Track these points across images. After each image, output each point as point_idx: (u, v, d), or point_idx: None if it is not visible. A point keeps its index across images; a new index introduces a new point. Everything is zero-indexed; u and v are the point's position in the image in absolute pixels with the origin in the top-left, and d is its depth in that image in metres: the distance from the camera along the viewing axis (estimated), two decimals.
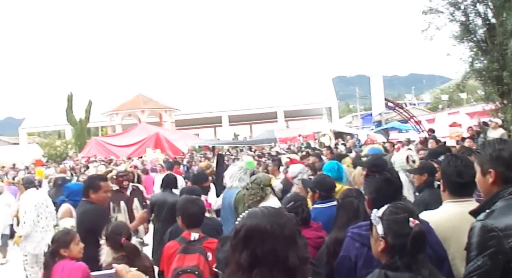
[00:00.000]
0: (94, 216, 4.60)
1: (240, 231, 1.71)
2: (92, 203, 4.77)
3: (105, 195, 4.88)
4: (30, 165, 27.66)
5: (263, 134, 30.87)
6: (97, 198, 4.79)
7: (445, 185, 2.89)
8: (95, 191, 4.77)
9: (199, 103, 45.55)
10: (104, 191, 4.83)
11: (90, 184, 4.89)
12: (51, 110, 46.70)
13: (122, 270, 1.91)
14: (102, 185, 4.83)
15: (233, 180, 5.75)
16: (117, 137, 31.64)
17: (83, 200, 4.88)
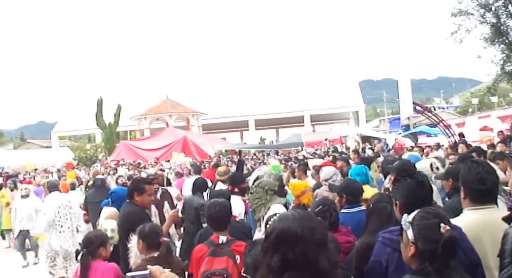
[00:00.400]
0: (136, 218, 4.61)
1: (271, 234, 1.73)
2: (136, 205, 4.84)
3: (149, 198, 4.95)
4: (61, 167, 28.22)
5: (289, 138, 30.77)
6: (141, 201, 4.85)
7: (466, 192, 2.79)
8: (139, 194, 4.83)
9: (226, 108, 45.76)
10: (148, 194, 4.90)
11: (135, 186, 4.96)
12: (81, 115, 47.62)
13: (156, 270, 1.94)
14: (146, 188, 4.89)
15: None
16: (145, 141, 32.06)
17: (127, 202, 4.96)
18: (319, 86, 47.52)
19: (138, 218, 4.57)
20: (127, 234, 4.27)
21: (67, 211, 7.74)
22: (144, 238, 3.69)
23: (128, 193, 5.04)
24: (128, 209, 4.87)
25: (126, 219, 4.72)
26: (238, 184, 5.99)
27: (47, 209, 7.65)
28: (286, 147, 26.84)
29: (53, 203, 7.69)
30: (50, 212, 7.57)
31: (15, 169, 30.36)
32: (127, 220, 4.69)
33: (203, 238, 3.92)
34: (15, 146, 67.80)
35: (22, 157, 36.99)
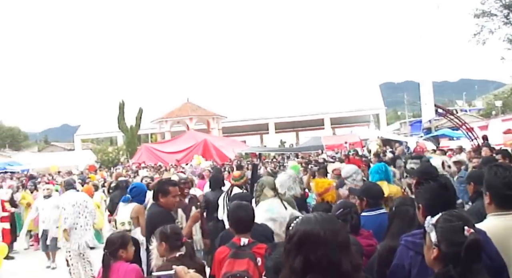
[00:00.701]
0: (161, 219, 4.65)
1: (293, 236, 1.73)
2: (161, 207, 4.91)
3: (174, 199, 5.00)
4: (84, 170, 28.60)
5: (309, 141, 30.69)
6: (166, 202, 4.91)
7: (491, 197, 2.71)
8: (164, 195, 4.90)
9: (246, 111, 45.85)
10: (173, 196, 4.96)
11: (160, 188, 5.03)
12: (104, 118, 48.24)
13: (181, 271, 1.97)
14: (171, 189, 4.95)
15: (283, 189, 5.74)
16: (166, 144, 32.31)
17: (153, 203, 5.04)
18: (339, 89, 47.32)
19: (162, 219, 4.61)
20: (151, 235, 4.34)
21: (81, 209, 7.97)
22: (166, 240, 3.71)
23: (153, 195, 5.11)
24: (152, 210, 4.97)
25: (150, 220, 4.82)
26: None
27: (65, 205, 7.94)
28: (306, 150, 26.77)
29: (69, 200, 7.97)
30: (68, 207, 7.84)
31: (40, 171, 30.96)
32: (151, 221, 4.78)
33: (224, 240, 3.95)
34: (40, 148, 69.06)
35: (46, 159, 37.75)
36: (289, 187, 5.68)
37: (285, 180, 5.78)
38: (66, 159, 36.69)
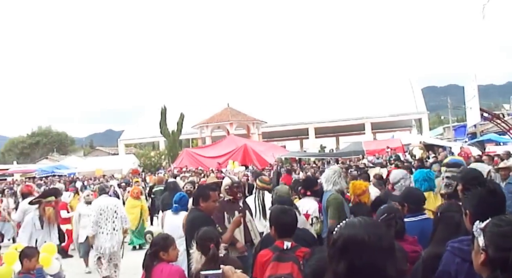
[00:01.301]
0: (201, 224, 4.76)
1: (337, 241, 1.72)
2: (201, 211, 4.96)
3: (214, 204, 5.06)
4: (127, 174, 29.29)
5: (350, 146, 30.35)
6: (206, 207, 4.96)
7: None
8: (204, 200, 4.96)
9: (286, 116, 45.72)
10: (213, 200, 5.02)
11: (200, 192, 5.11)
12: (146, 124, 49.20)
13: (229, 270, 2.00)
14: (211, 194, 5.01)
15: (328, 184, 5.76)
16: (207, 149, 32.64)
17: (192, 208, 5.15)
18: (380, 93, 46.49)
19: (203, 224, 4.61)
20: (192, 239, 4.42)
21: (110, 214, 8.24)
22: (197, 244, 3.78)
23: (193, 199, 5.20)
24: (192, 215, 5.01)
25: (191, 225, 4.83)
26: (311, 187, 6.28)
27: (92, 211, 8.37)
28: (347, 155, 26.49)
29: (98, 205, 8.30)
30: (94, 214, 8.21)
31: (85, 175, 31.91)
32: (192, 225, 4.79)
33: (265, 243, 3.98)
34: (85, 153, 71.17)
35: (92, 163, 38.84)
36: (335, 181, 5.70)
37: (330, 175, 5.79)
38: (110, 163, 37.64)
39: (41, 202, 7.33)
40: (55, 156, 66.57)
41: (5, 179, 37.26)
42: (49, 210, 7.22)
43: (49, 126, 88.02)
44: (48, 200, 7.30)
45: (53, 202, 7.37)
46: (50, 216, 7.21)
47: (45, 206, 7.24)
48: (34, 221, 7.21)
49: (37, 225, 7.18)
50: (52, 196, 7.46)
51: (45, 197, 7.41)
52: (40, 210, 7.26)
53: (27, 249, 5.49)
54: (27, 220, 7.33)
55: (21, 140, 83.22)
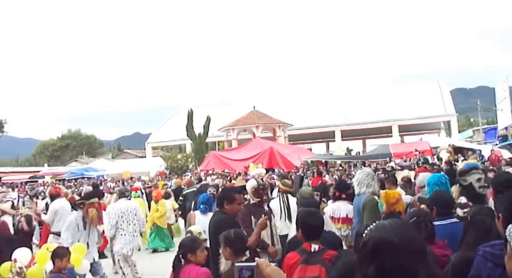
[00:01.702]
0: (226, 226, 4.79)
1: (367, 243, 1.69)
2: (225, 214, 4.97)
3: (239, 207, 5.06)
4: (154, 176, 29.62)
5: (377, 149, 30.03)
6: (231, 209, 4.97)
7: None
8: (229, 202, 4.96)
9: (312, 118, 45.49)
10: (238, 203, 5.01)
11: (225, 195, 5.12)
12: (173, 127, 49.68)
13: (263, 263, 2.02)
14: (236, 197, 5.01)
15: (361, 186, 5.73)
16: (233, 151, 32.73)
17: (217, 210, 5.17)
18: (408, 95, 45.82)
19: (228, 226, 4.65)
20: (217, 242, 4.45)
21: (131, 217, 8.45)
22: (230, 245, 3.75)
23: (218, 202, 5.21)
24: (217, 217, 5.02)
25: (216, 227, 4.85)
26: (345, 190, 6.42)
27: (110, 214, 8.52)
28: (374, 158, 26.22)
29: (119, 208, 8.49)
30: (112, 217, 8.38)
31: (114, 177, 32.40)
32: (216, 228, 4.81)
33: (292, 246, 3.98)
34: (113, 155, 72.32)
35: (120, 166, 39.43)
36: (368, 184, 5.67)
37: (363, 177, 5.76)
38: (138, 166, 38.15)
39: (84, 204, 7.38)
40: (84, 159, 67.85)
41: (37, 180, 38.10)
42: (92, 211, 7.24)
43: (78, 130, 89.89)
44: (91, 202, 7.34)
45: (96, 204, 7.38)
46: (93, 217, 7.26)
47: (88, 207, 7.27)
48: (77, 222, 7.28)
49: (80, 226, 7.25)
50: (95, 198, 7.51)
51: (88, 199, 7.47)
52: (83, 212, 7.31)
53: (59, 249, 5.62)
54: (70, 221, 7.38)
55: (51, 143, 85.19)
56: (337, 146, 47.01)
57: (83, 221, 7.28)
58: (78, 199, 8.23)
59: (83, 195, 9.32)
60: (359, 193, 5.72)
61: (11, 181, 39.18)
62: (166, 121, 54.57)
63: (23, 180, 40.01)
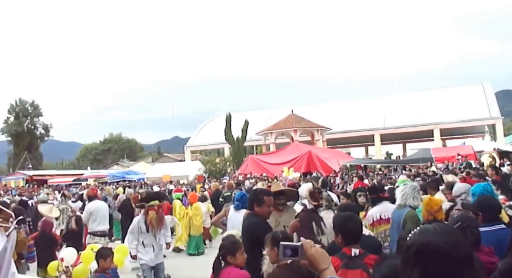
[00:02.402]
0: (257, 229, 4.81)
1: (411, 247, 1.68)
2: (256, 216, 5.02)
3: (268, 209, 5.08)
4: (193, 180, 29.96)
5: (418, 153, 29.43)
6: (261, 211, 5.01)
7: None
8: (259, 205, 5.01)
9: (351, 122, 45.01)
10: (268, 205, 5.04)
11: (254, 197, 5.16)
12: (211, 131, 50.12)
13: (308, 243, 2.02)
14: (265, 199, 5.04)
15: (405, 198, 5.65)
16: (271, 155, 32.73)
17: (249, 213, 5.23)
18: (450, 98, 44.63)
19: (259, 228, 4.78)
20: (250, 244, 4.49)
21: None
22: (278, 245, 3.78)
23: (248, 204, 5.31)
24: (249, 220, 5.09)
25: (248, 230, 4.97)
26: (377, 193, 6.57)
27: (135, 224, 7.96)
28: (414, 162, 25.73)
29: None
30: None
31: (154, 180, 32.96)
32: (248, 230, 4.94)
33: (331, 250, 3.96)
34: (153, 159, 73.46)
35: (159, 169, 40.05)
36: (414, 197, 5.61)
37: (409, 191, 5.68)
38: (177, 169, 38.65)
39: (144, 206, 7.26)
40: (125, 162, 69.23)
41: (80, 183, 39.18)
42: (151, 214, 7.05)
43: (119, 134, 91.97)
44: (150, 204, 7.15)
45: (156, 206, 7.15)
46: (151, 220, 7.04)
47: (148, 209, 7.12)
48: (139, 224, 7.15)
49: (142, 228, 7.11)
50: (155, 200, 7.28)
51: (148, 201, 7.28)
52: (144, 214, 7.19)
53: (103, 250, 5.78)
54: (134, 223, 7.28)
55: (94, 147, 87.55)
56: (377, 150, 46.29)
57: (145, 224, 7.14)
58: (139, 201, 8.12)
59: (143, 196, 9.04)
60: (400, 206, 5.64)
61: (57, 183, 40.47)
62: (205, 125, 55.09)
63: (68, 182, 41.23)
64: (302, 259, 2.03)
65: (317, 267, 2.00)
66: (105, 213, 10.64)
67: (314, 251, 2.01)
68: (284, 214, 5.65)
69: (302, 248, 2.01)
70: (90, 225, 10.06)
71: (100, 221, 10.23)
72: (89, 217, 10.06)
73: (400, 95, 49.36)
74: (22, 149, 66.39)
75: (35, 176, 48.48)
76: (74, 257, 6.40)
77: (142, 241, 7.08)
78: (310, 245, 2.02)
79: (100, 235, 10.12)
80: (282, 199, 5.62)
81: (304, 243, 2.02)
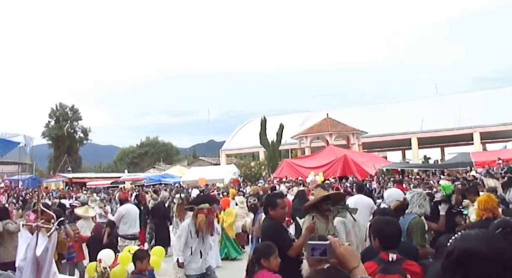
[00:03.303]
0: (273, 231, 4.97)
1: (452, 253, 1.64)
2: (272, 219, 5.13)
3: (283, 211, 5.23)
4: (228, 183, 30.12)
5: (456, 157, 28.79)
6: (275, 214, 5.14)
7: None
8: (272, 208, 5.14)
9: (387, 125, 44.27)
10: (281, 208, 5.17)
11: (268, 202, 5.32)
12: (246, 134, 50.29)
13: (336, 242, 2.01)
14: (279, 202, 5.18)
15: (413, 206, 5.57)
16: (307, 159, 32.59)
17: (265, 218, 5.38)
18: (490, 100, 43.31)
19: (275, 231, 4.95)
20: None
21: None
22: None
23: (264, 209, 5.42)
24: (265, 223, 5.23)
25: (263, 233, 5.12)
26: None
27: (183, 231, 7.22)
28: (453, 166, 25.17)
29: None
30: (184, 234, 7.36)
31: (189, 183, 33.32)
32: (265, 233, 5.08)
33: (368, 255, 3.91)
34: (189, 162, 74.26)
35: (195, 172, 40.47)
36: (420, 204, 5.54)
37: (415, 198, 5.62)
38: (212, 173, 38.95)
39: (193, 209, 6.94)
40: (161, 165, 70.25)
41: (118, 186, 39.97)
42: (200, 217, 6.69)
43: (156, 138, 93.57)
44: (200, 207, 6.79)
45: (206, 209, 6.76)
46: (200, 224, 6.68)
47: (197, 213, 6.78)
48: (189, 228, 6.73)
49: (192, 232, 6.74)
50: (205, 203, 6.90)
51: (198, 204, 6.93)
52: (193, 218, 6.84)
53: (139, 252, 5.87)
54: (183, 227, 6.91)
55: (131, 150, 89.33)
56: (414, 153, 45.38)
57: (195, 228, 6.77)
58: (188, 204, 7.79)
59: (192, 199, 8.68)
60: (407, 213, 5.56)
61: (95, 186, 41.43)
62: (240, 129, 55.35)
63: (106, 185, 42.15)
64: (331, 258, 2.01)
65: (347, 265, 1.98)
66: (136, 216, 10.82)
67: (343, 250, 1.99)
68: (330, 222, 5.56)
69: (330, 247, 1.99)
70: (121, 228, 10.22)
71: (131, 224, 10.47)
72: (121, 220, 10.25)
73: (438, 98, 48.25)
74: (62, 152, 68.23)
75: (74, 178, 49.79)
76: (112, 258, 6.53)
77: (191, 247, 6.71)
78: (338, 243, 2.00)
79: (130, 238, 10.31)
80: (328, 204, 5.57)
81: (333, 241, 2.00)
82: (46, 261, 3.32)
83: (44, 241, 3.30)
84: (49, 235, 3.32)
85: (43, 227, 3.34)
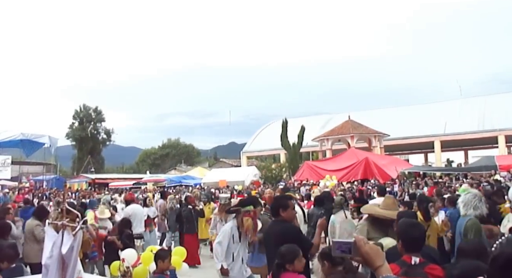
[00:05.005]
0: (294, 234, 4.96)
1: (497, 259, 1.61)
2: (284, 221, 5.14)
3: (293, 211, 5.27)
4: (249, 185, 30.16)
5: (480, 160, 28.30)
6: (287, 215, 5.15)
7: None
8: (284, 209, 5.14)
9: (409, 128, 43.77)
10: (292, 208, 5.23)
11: (279, 203, 5.31)
12: (267, 136, 50.29)
13: (361, 240, 2.00)
14: (289, 203, 5.23)
15: (467, 208, 5.49)
16: (328, 161, 32.45)
17: (274, 220, 5.34)
18: None
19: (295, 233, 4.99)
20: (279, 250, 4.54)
21: None
22: (328, 258, 3.81)
23: (273, 210, 5.41)
24: (280, 226, 5.16)
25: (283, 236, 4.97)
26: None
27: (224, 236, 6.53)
28: (477, 170, 24.75)
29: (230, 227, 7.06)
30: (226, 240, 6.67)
31: (210, 185, 33.45)
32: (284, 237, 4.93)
33: (390, 257, 3.88)
34: (210, 164, 74.59)
35: (216, 174, 40.58)
36: (475, 206, 5.44)
37: (470, 199, 5.53)
38: (233, 175, 39.00)
39: (238, 211, 6.44)
40: (182, 167, 70.74)
41: (140, 187, 40.34)
42: (247, 220, 6.23)
43: (177, 139, 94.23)
44: (246, 210, 6.33)
45: (252, 212, 6.32)
46: (248, 228, 6.23)
47: (243, 215, 6.29)
48: (232, 232, 6.26)
49: (235, 237, 6.25)
50: (250, 205, 6.44)
51: (243, 206, 6.46)
52: (237, 221, 6.36)
53: (161, 251, 5.92)
54: (225, 231, 6.39)
55: (153, 152, 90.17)
56: (437, 157, 44.77)
57: (239, 231, 6.30)
58: (233, 206, 7.39)
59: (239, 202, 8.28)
60: (463, 215, 5.47)
61: (117, 186, 41.91)
62: (261, 131, 55.40)
63: (128, 185, 42.59)
64: (355, 256, 2.00)
65: (372, 264, 1.96)
66: (141, 217, 11.35)
67: (368, 248, 1.97)
68: None
69: (355, 245, 1.98)
70: None
71: (137, 224, 10.73)
72: None
73: (462, 100, 47.48)
74: (86, 153, 69.27)
75: (97, 179, 50.51)
76: (134, 258, 6.60)
77: (232, 253, 6.23)
78: (363, 241, 1.98)
79: (136, 237, 10.52)
80: None
81: (358, 239, 1.99)
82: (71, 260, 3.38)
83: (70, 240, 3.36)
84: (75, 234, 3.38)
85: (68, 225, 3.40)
